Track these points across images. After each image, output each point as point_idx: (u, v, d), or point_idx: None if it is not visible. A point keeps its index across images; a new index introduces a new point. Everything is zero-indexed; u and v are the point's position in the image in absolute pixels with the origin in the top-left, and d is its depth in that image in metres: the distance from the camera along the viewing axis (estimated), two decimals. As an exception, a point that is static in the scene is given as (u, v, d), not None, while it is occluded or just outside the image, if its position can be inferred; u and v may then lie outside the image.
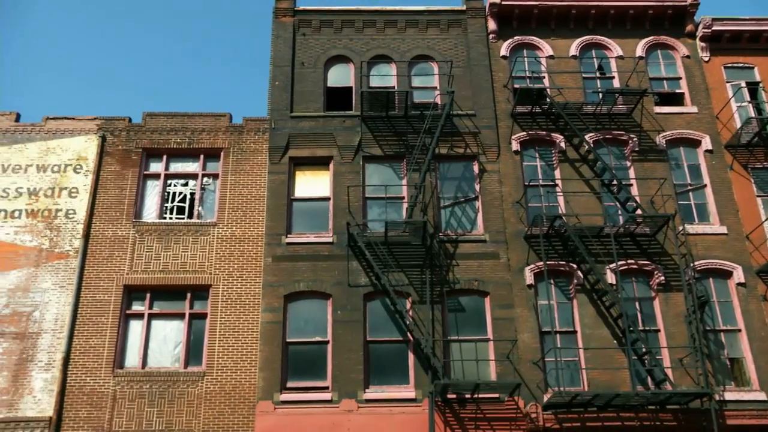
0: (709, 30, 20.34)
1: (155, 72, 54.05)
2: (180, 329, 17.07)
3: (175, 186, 18.87)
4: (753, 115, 19.46)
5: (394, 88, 19.78)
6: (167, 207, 18.57)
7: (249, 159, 18.88)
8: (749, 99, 20.03)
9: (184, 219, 18.36)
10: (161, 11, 54.95)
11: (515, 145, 19.07)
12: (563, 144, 19.11)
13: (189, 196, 18.73)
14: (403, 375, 16.56)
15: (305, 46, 20.46)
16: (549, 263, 17.40)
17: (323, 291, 17.26)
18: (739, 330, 17.26)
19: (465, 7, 20.95)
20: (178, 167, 19.11)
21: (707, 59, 20.43)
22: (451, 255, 17.71)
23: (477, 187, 18.64)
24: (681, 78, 20.32)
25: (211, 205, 18.55)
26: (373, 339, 16.90)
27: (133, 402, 16.09)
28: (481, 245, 17.84)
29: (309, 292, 17.31)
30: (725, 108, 19.68)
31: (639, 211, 17.76)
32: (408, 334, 16.81)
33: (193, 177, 18.95)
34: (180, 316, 17.20)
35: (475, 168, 18.91)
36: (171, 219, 18.38)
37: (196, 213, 18.41)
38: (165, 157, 19.07)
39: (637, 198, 18.32)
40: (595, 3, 20.46)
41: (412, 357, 16.65)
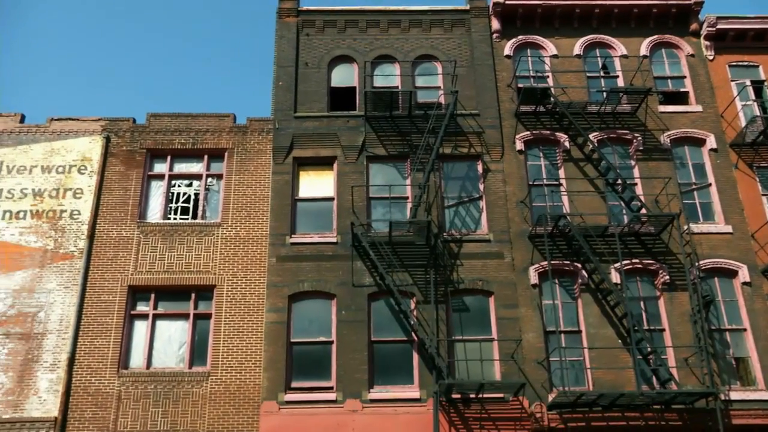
0: (714, 29, 20.28)
1: (158, 72, 54.19)
2: (184, 329, 17.10)
3: (180, 186, 18.90)
4: (758, 114, 19.39)
5: (397, 88, 19.78)
6: (171, 207, 18.60)
7: (253, 159, 18.89)
8: (754, 97, 19.98)
9: (188, 219, 18.39)
10: (164, 11, 55.06)
11: (519, 145, 19.05)
12: (567, 143, 19.08)
13: (193, 196, 18.76)
14: (408, 375, 16.56)
15: (309, 46, 20.48)
16: (553, 263, 17.38)
17: (327, 291, 17.27)
18: (745, 329, 17.21)
19: (468, 7, 20.92)
20: (182, 168, 19.14)
21: (712, 58, 20.38)
22: (456, 255, 17.70)
23: (481, 187, 18.62)
24: (685, 77, 20.27)
25: (216, 206, 18.57)
26: (378, 339, 16.90)
27: (138, 402, 16.12)
28: (486, 245, 17.82)
29: (313, 292, 17.32)
30: (730, 107, 19.63)
31: (643, 211, 17.74)
32: (412, 334, 16.81)
33: (197, 177, 18.97)
34: (184, 316, 17.23)
35: (479, 168, 18.89)
36: (175, 219, 18.41)
37: (200, 213, 18.44)
38: (169, 158, 19.10)
39: (642, 197, 18.28)
40: (599, 2, 20.41)
41: (416, 357, 16.65)
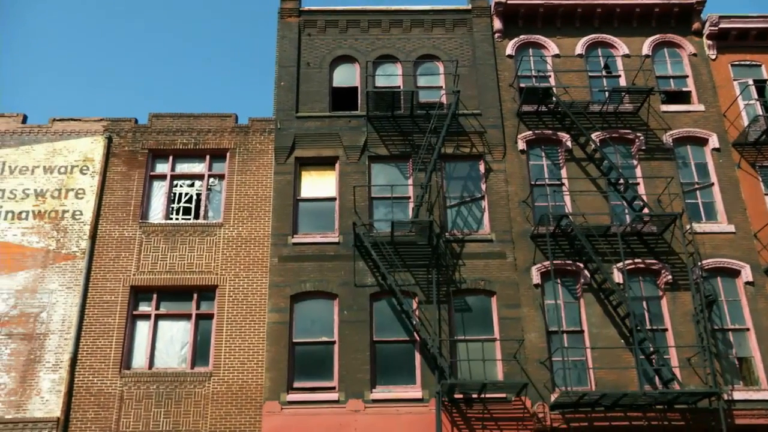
0: (716, 28, 20.24)
1: (160, 73, 54.22)
2: (187, 330, 17.10)
3: (182, 187, 18.90)
4: (760, 113, 19.35)
5: (399, 87, 19.76)
6: (173, 208, 18.61)
7: (255, 159, 18.89)
8: (757, 97, 19.94)
9: (190, 220, 18.39)
10: (165, 11, 55.10)
11: (521, 145, 19.03)
12: (569, 143, 19.06)
13: (195, 196, 18.77)
14: (410, 375, 16.54)
15: (311, 46, 20.47)
16: (556, 263, 17.36)
17: (329, 291, 17.26)
18: (748, 329, 17.18)
19: (470, 6, 20.91)
20: (184, 168, 19.14)
21: (714, 57, 20.34)
22: (458, 255, 17.68)
23: (483, 187, 18.61)
24: (688, 76, 20.24)
25: (218, 206, 18.57)
26: (380, 339, 16.89)
27: (141, 402, 16.12)
28: (488, 245, 17.80)
29: (315, 292, 17.31)
30: (732, 106, 19.60)
31: (646, 210, 17.71)
32: (414, 334, 16.79)
33: (199, 178, 18.98)
34: (187, 316, 17.23)
35: (481, 167, 18.87)
36: (177, 220, 18.41)
37: (202, 214, 18.44)
38: (171, 158, 19.11)
39: (644, 197, 18.25)
40: (601, 1, 20.39)
41: (418, 357, 16.63)
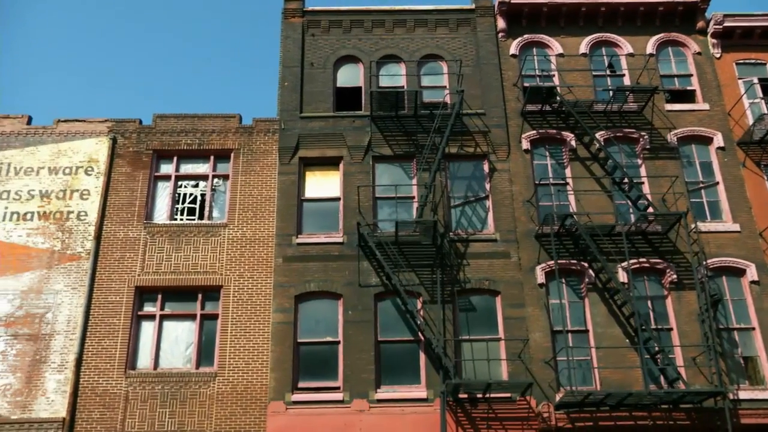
0: (721, 26, 20.19)
1: (164, 73, 54.32)
2: (191, 330, 17.13)
3: (186, 187, 18.93)
4: (765, 112, 19.30)
5: (403, 87, 19.75)
6: (178, 208, 18.64)
7: (259, 160, 18.91)
8: (761, 95, 19.87)
9: (194, 220, 18.42)
10: (168, 12, 55.18)
11: (525, 144, 19.01)
12: (574, 142, 19.03)
13: (199, 197, 18.80)
14: (415, 375, 16.54)
15: (314, 46, 20.48)
16: (560, 262, 17.33)
17: (334, 291, 17.27)
18: (753, 328, 17.14)
19: (474, 6, 20.90)
20: (188, 168, 19.17)
21: (719, 56, 20.29)
22: (462, 254, 17.67)
23: (487, 186, 18.59)
24: (692, 75, 20.19)
25: (222, 206, 18.60)
26: (384, 339, 16.89)
27: (146, 403, 16.15)
28: (492, 244, 17.79)
29: (320, 292, 17.32)
30: (737, 105, 19.54)
31: (650, 209, 17.68)
32: (419, 333, 16.79)
33: (204, 178, 19.00)
34: (191, 317, 17.26)
35: (485, 167, 18.86)
36: (182, 220, 18.44)
37: (206, 214, 18.46)
38: (175, 159, 19.14)
39: (649, 196, 18.22)
40: (605, 0, 20.35)
41: (423, 357, 16.63)
